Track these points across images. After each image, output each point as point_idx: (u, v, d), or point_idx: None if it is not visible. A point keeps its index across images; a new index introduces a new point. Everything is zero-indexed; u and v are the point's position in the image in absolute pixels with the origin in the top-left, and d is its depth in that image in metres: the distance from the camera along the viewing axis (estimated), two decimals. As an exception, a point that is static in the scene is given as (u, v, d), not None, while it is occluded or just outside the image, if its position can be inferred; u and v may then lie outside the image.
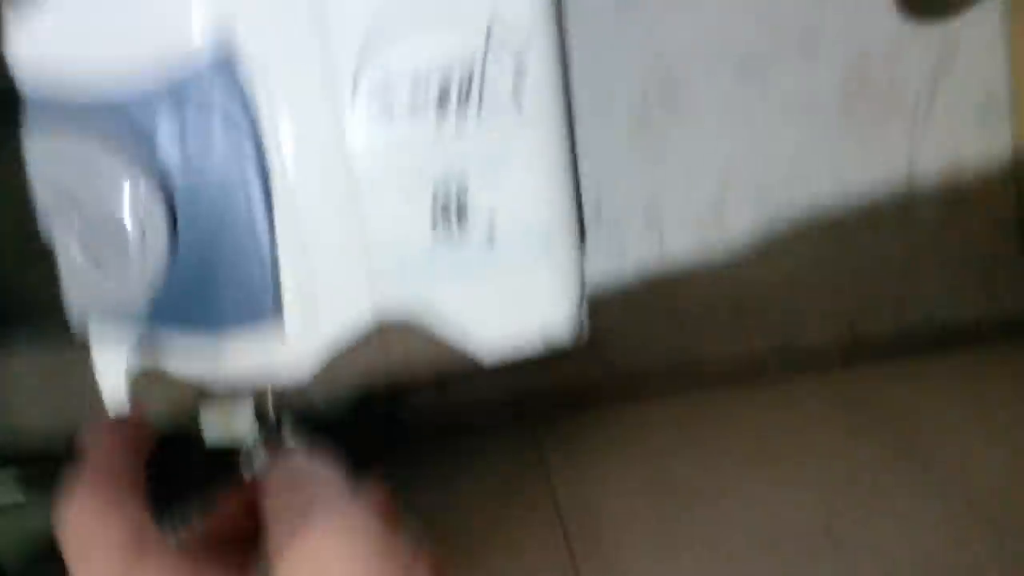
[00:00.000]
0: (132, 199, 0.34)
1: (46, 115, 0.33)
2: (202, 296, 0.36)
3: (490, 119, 0.36)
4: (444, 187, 0.36)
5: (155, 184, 0.34)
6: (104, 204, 0.34)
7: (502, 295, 0.39)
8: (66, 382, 0.37)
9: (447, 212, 0.37)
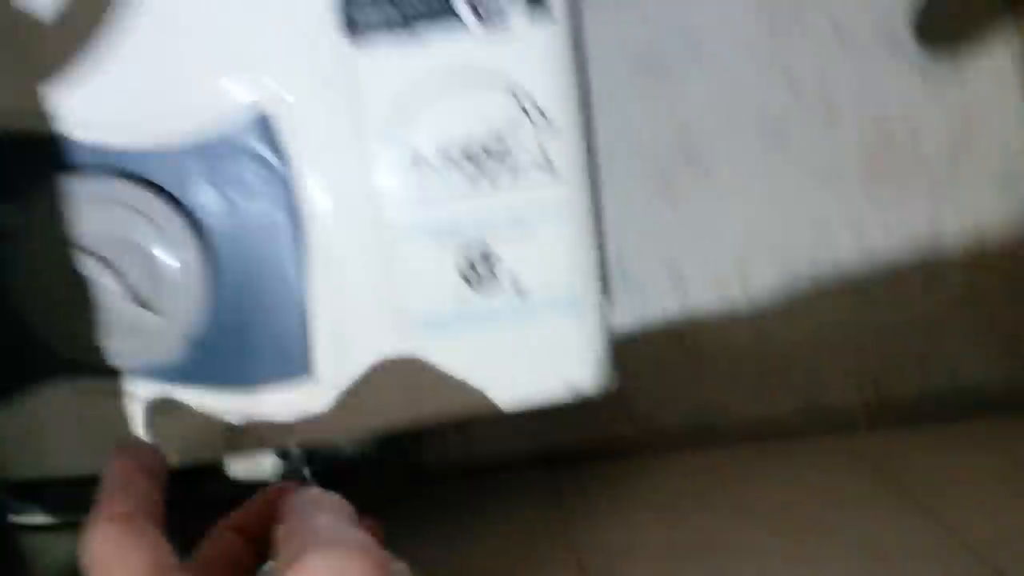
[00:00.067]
0: (171, 244, 0.37)
1: (92, 161, 0.36)
2: (236, 346, 0.38)
3: (519, 179, 0.38)
4: (473, 241, 0.38)
5: (194, 231, 0.36)
6: (144, 249, 0.36)
7: (528, 345, 0.40)
8: (99, 412, 0.38)
9: (476, 265, 0.39)
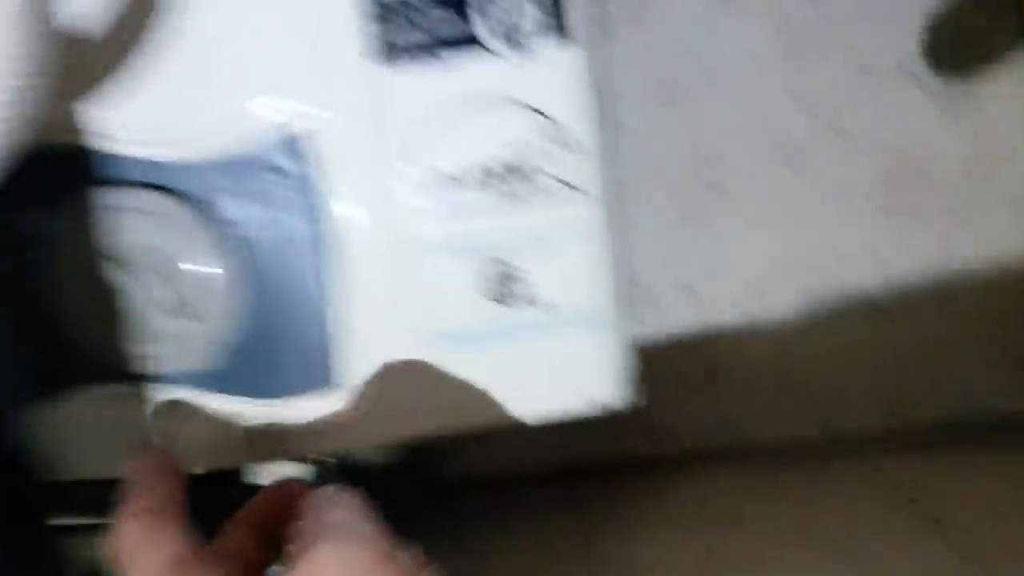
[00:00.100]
0: (206, 255, 0.38)
1: (130, 174, 0.37)
2: (264, 355, 0.39)
3: (542, 197, 0.39)
4: (497, 258, 0.39)
5: (228, 242, 0.38)
6: (180, 259, 0.38)
7: (550, 360, 0.41)
8: (129, 416, 0.39)
9: (499, 281, 0.40)
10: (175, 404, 0.39)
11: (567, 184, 0.39)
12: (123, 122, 0.36)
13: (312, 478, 0.40)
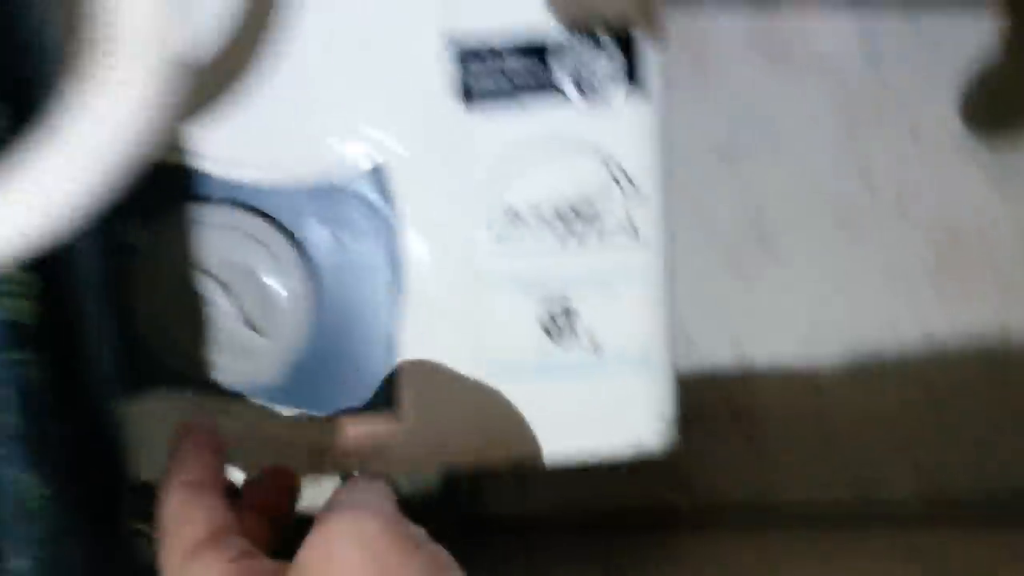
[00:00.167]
0: (283, 274, 0.40)
1: (220, 193, 0.40)
2: (328, 374, 0.41)
3: (605, 241, 0.41)
4: (557, 296, 0.41)
5: (303, 264, 0.40)
6: (258, 276, 0.40)
7: (599, 400, 0.42)
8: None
9: (557, 319, 0.41)
10: (240, 414, 0.41)
11: (630, 229, 0.41)
12: (221, 144, 0.39)
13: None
